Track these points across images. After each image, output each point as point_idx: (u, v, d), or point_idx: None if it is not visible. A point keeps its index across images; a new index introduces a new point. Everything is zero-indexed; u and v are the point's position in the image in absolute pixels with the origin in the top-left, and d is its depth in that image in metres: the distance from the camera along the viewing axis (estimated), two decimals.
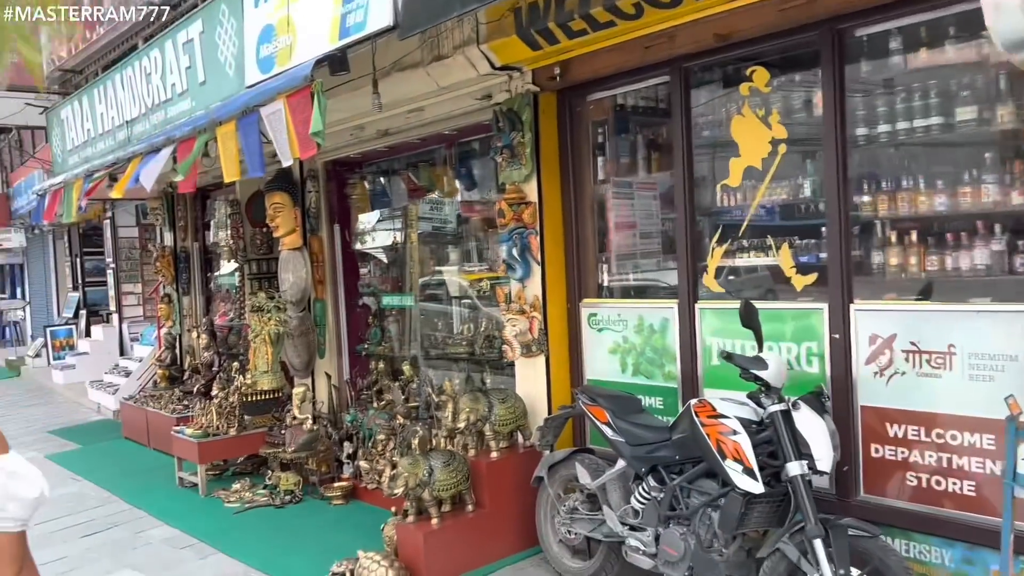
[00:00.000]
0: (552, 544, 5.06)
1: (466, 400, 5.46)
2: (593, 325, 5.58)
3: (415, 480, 5.12)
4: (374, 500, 6.70)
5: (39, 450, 9.99)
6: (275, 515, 6.71)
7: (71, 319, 16.62)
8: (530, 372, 5.73)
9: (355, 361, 8.23)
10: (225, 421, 7.57)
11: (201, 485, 7.39)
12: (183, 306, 10.75)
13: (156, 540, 6.37)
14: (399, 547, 5.24)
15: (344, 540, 5.97)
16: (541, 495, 5.14)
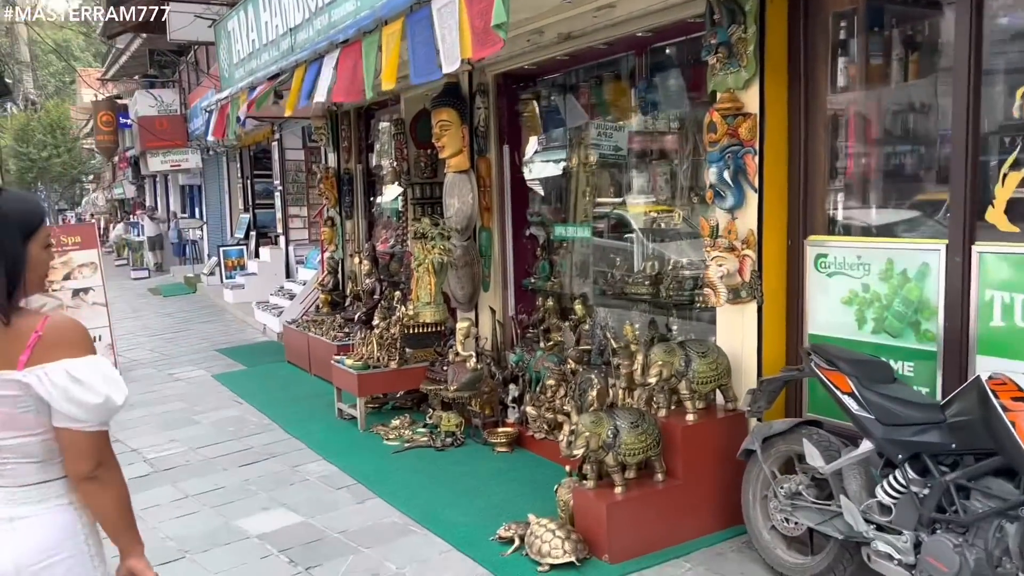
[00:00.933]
0: (762, 530, 4.19)
1: (659, 352, 4.61)
2: (821, 268, 4.55)
3: (597, 441, 4.37)
4: (541, 450, 6.04)
5: (207, 368, 10.04)
6: (435, 458, 6.18)
7: (242, 240, 16.96)
8: (736, 322, 4.79)
9: (521, 296, 7.53)
10: (386, 353, 7.10)
11: (360, 419, 6.99)
12: (345, 230, 10.42)
13: (313, 476, 5.99)
14: (576, 515, 4.53)
15: (510, 496, 5.34)
16: (750, 471, 4.27)
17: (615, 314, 6.57)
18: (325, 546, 4.80)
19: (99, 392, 2.08)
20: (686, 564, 4.32)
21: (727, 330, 4.87)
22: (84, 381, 2.07)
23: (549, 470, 5.76)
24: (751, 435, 4.22)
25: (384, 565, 4.51)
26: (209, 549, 4.86)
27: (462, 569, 4.42)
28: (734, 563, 4.31)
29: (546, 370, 6.34)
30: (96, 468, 2.15)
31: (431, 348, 7.33)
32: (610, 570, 4.27)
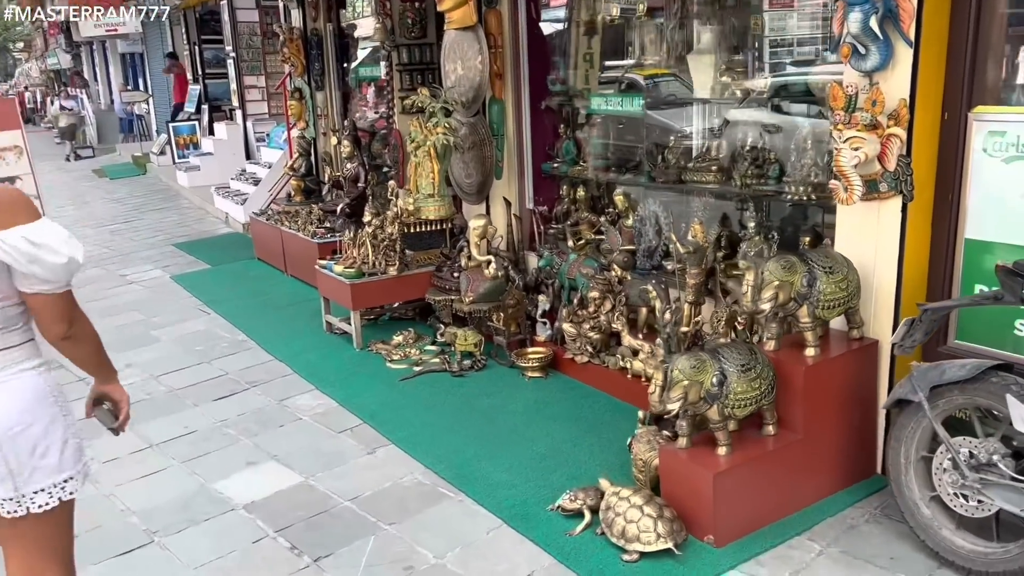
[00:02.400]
0: (919, 502, 3.19)
1: (776, 268, 3.46)
2: (994, 151, 3.37)
3: (698, 392, 3.27)
4: (584, 376, 4.97)
5: (165, 267, 8.75)
6: (454, 387, 5.08)
7: (193, 115, 15.20)
8: (869, 225, 3.64)
9: (541, 185, 6.27)
10: (382, 257, 5.86)
11: (355, 336, 5.82)
12: (316, 104, 8.93)
13: (307, 415, 4.87)
14: (664, 482, 3.49)
15: (559, 442, 4.28)
16: (903, 426, 3.22)
17: (667, 207, 5.36)
18: (334, 522, 3.72)
19: (61, 252, 2.16)
20: (813, 544, 3.33)
21: (852, 236, 3.72)
22: (44, 244, 2.13)
23: (599, 404, 4.70)
24: (910, 380, 3.14)
25: (417, 552, 3.46)
26: (183, 528, 3.77)
27: (520, 556, 3.38)
28: (874, 539, 3.32)
29: (584, 278, 5.18)
30: (70, 328, 2.27)
31: (436, 250, 6.10)
32: (718, 557, 3.26)
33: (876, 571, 3.13)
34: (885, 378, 3.68)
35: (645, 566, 3.23)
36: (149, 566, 3.51)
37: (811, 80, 4.64)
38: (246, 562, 3.49)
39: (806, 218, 4.71)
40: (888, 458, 3.27)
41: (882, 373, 3.68)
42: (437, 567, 3.35)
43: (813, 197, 4.42)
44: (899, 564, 3.16)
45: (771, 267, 3.46)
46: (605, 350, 4.92)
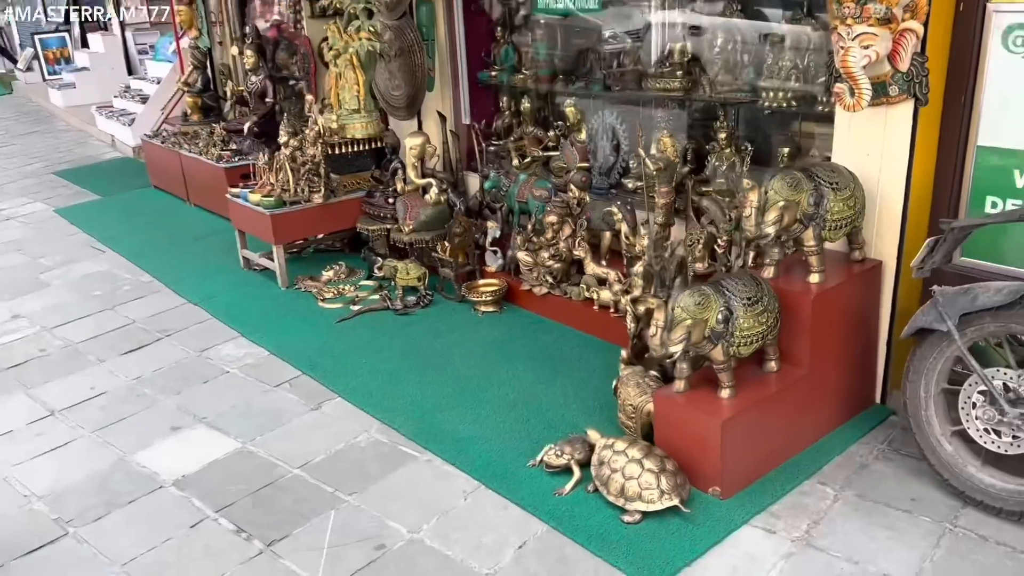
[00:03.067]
0: (940, 438, 2.93)
1: (781, 187, 3.07)
2: (1015, 46, 3.02)
3: (703, 331, 2.89)
4: (544, 309, 4.55)
5: (47, 200, 7.80)
6: (400, 327, 4.58)
7: (61, 25, 13.65)
8: (873, 134, 3.28)
9: (479, 96, 5.69)
10: (304, 183, 5.21)
11: (280, 273, 5.21)
12: (209, 7, 7.96)
13: (234, 367, 4.30)
14: (660, 431, 3.12)
15: (528, 385, 3.87)
16: (923, 357, 2.94)
17: (625, 119, 4.89)
18: (284, 496, 3.24)
19: None
20: (826, 489, 3.05)
21: (854, 147, 3.35)
22: None
23: (565, 339, 4.30)
24: (935, 307, 2.83)
25: (387, 527, 3.02)
26: (103, 514, 3.22)
27: (506, 525, 2.99)
28: (889, 480, 3.07)
29: (537, 201, 4.71)
30: None
31: (366, 174, 5.49)
32: (727, 511, 2.95)
33: (898, 515, 2.87)
34: (888, 303, 3.39)
35: (649, 527, 2.88)
36: (65, 566, 2.96)
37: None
38: (185, 552, 2.97)
39: (781, 128, 4.32)
40: (906, 392, 2.99)
41: (885, 297, 3.39)
42: (413, 544, 2.92)
43: (793, 104, 4.03)
44: (921, 506, 2.91)
45: (776, 185, 3.06)
46: (566, 280, 4.49)
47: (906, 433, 3.28)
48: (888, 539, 2.76)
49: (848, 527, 2.83)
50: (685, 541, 2.80)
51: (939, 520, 2.84)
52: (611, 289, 4.19)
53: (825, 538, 2.79)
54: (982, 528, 2.78)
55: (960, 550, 2.69)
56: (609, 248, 4.47)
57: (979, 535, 2.75)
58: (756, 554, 2.74)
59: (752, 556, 2.73)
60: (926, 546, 2.72)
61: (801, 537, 2.80)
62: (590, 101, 5.05)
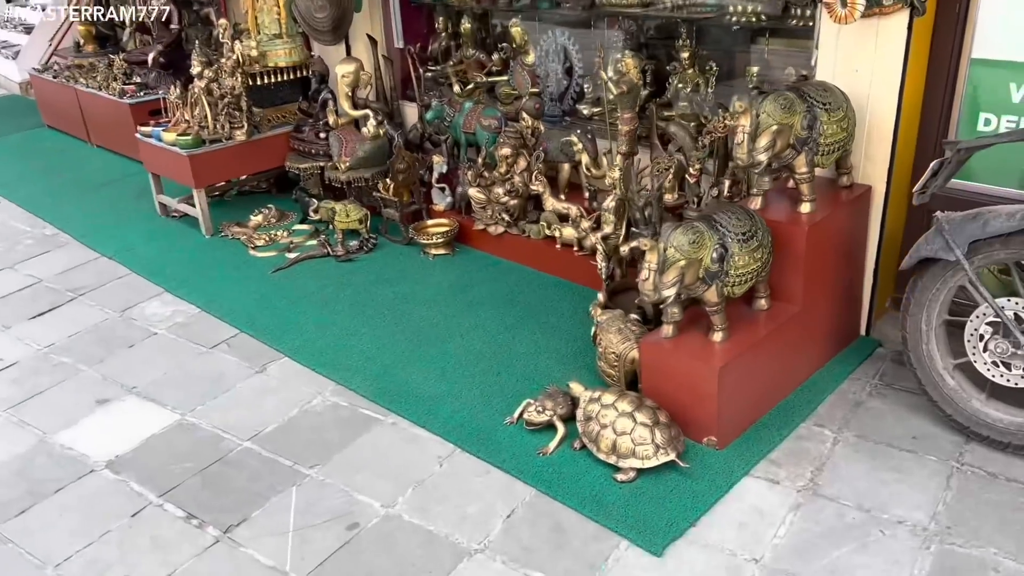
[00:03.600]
0: (943, 372, 2.79)
1: (774, 110, 2.80)
2: None
3: (697, 272, 2.65)
4: (501, 250, 4.25)
5: None
6: (344, 276, 4.21)
7: None
8: (863, 49, 3.03)
9: (412, 17, 5.23)
10: (226, 119, 4.71)
11: (203, 220, 4.74)
12: None
13: (162, 327, 3.88)
14: (649, 379, 2.89)
15: (497, 334, 3.59)
16: (925, 286, 2.76)
17: (577, 38, 4.53)
18: (237, 473, 2.90)
19: None
20: (823, 431, 2.89)
21: (842, 63, 3.10)
22: None
23: (527, 281, 4.02)
24: (941, 235, 2.64)
25: (358, 502, 2.73)
26: (28, 507, 2.83)
27: (490, 491, 2.73)
28: (887, 417, 2.92)
29: (487, 132, 4.35)
30: None
31: (292, 106, 5.01)
32: (725, 462, 2.76)
33: (903, 456, 2.73)
34: (876, 230, 3.21)
35: (646, 485, 2.67)
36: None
37: None
38: (129, 547, 2.62)
39: (748, 45, 4.04)
40: (905, 325, 2.82)
41: (873, 225, 3.20)
42: (390, 520, 2.64)
43: (762, 18, 3.76)
44: (924, 444, 2.78)
45: (768, 108, 2.80)
46: (524, 217, 4.19)
47: (897, 367, 3.17)
48: (896, 482, 2.62)
49: (853, 472, 2.68)
50: (686, 498, 2.60)
51: (944, 459, 2.71)
52: (575, 226, 3.91)
53: (832, 485, 2.63)
54: (990, 465, 2.66)
55: (971, 490, 2.57)
56: (568, 181, 4.17)
57: (988, 472, 2.63)
58: (763, 508, 2.56)
59: (759, 510, 2.56)
60: (936, 487, 2.59)
61: (807, 486, 2.64)
62: (536, 21, 4.66)
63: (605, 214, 3.46)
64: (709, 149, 3.54)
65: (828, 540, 2.42)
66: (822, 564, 2.34)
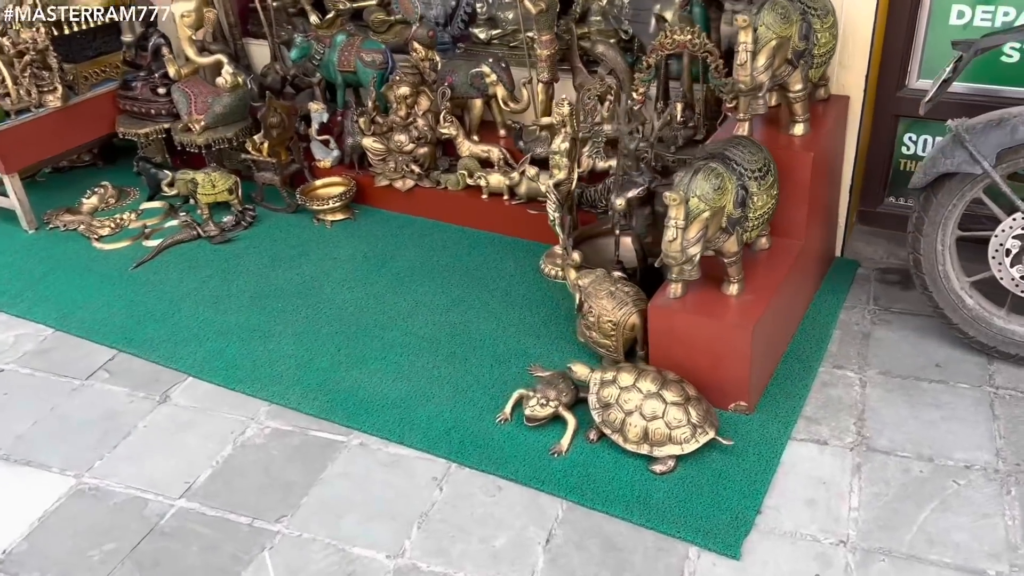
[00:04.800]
0: (960, 292, 2.61)
1: (773, 20, 2.41)
2: None
3: (719, 222, 2.27)
4: (415, 207, 3.69)
5: None
6: (227, 262, 3.50)
7: None
8: None
9: None
10: (31, 83, 3.73)
11: (23, 213, 3.80)
12: None
13: (7, 360, 3.05)
14: (661, 346, 2.52)
15: (447, 312, 3.08)
16: (941, 203, 2.54)
17: None
18: (180, 545, 2.27)
19: None
20: (847, 374, 2.65)
21: None
22: None
23: (457, 242, 3.51)
24: (963, 147, 2.40)
25: (357, 557, 2.19)
26: None
27: (514, 514, 2.28)
28: (903, 347, 2.73)
29: (370, 68, 3.70)
30: None
31: (115, 56, 4.06)
32: (763, 428, 2.46)
33: (936, 389, 2.55)
34: (854, 144, 2.95)
35: (689, 472, 2.33)
36: None
37: None
38: None
39: None
40: (918, 246, 2.60)
41: (850, 138, 2.94)
42: (406, 570, 2.14)
43: None
44: (951, 371, 2.61)
45: (767, 20, 2.41)
46: (435, 167, 3.62)
47: (885, 287, 3.01)
48: (944, 420, 2.43)
49: (896, 416, 2.46)
50: (740, 481, 2.28)
51: (977, 384, 2.55)
52: (502, 171, 3.41)
53: (882, 436, 2.40)
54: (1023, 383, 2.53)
55: (1018, 415, 2.42)
56: (480, 119, 3.63)
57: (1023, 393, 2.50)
58: (823, 476, 2.29)
59: (821, 480, 2.28)
60: (984, 420, 2.42)
61: (857, 442, 2.39)
62: None
63: (556, 157, 2.98)
64: (655, 69, 3.12)
65: (907, 503, 2.19)
66: (913, 534, 2.11)
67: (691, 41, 2.95)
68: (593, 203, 3.22)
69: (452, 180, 3.54)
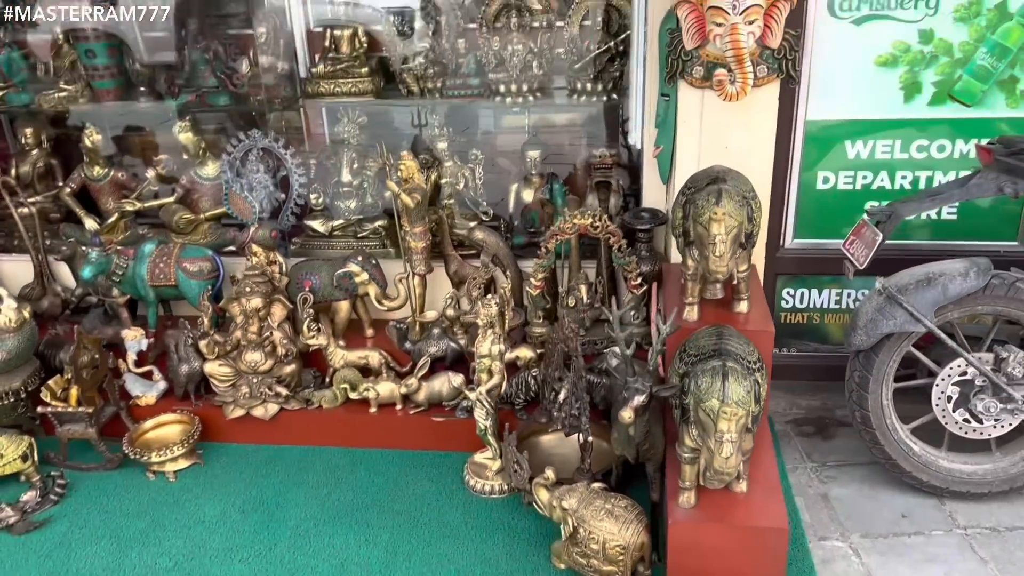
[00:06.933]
0: (906, 440, 2.69)
1: (732, 207, 2.38)
2: (841, 11, 2.80)
3: (747, 422, 2.13)
4: (281, 436, 3.10)
5: None
6: (43, 559, 2.61)
7: None
8: (734, 122, 2.79)
9: None
10: None
11: None
12: None
13: None
14: (681, 565, 2.26)
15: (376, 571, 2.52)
16: (882, 360, 2.63)
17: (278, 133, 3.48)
18: None
19: None
20: (833, 543, 2.58)
21: (707, 140, 2.81)
22: None
23: (347, 469, 2.97)
24: (900, 306, 2.51)
25: None
26: None
27: None
28: (866, 504, 2.73)
29: (197, 279, 3.12)
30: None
31: None
32: None
33: (916, 541, 2.57)
34: None
35: None
36: None
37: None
38: None
39: None
40: (864, 404, 2.66)
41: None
42: None
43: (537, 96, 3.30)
44: (919, 520, 2.65)
45: (728, 208, 2.36)
46: (300, 384, 3.08)
47: (809, 440, 3.06)
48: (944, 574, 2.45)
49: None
50: None
51: (948, 529, 2.62)
52: (394, 379, 2.99)
53: None
54: (984, 519, 2.65)
55: (999, 554, 2.51)
56: (347, 323, 3.19)
57: (988, 528, 2.62)
58: None
59: None
60: (977, 566, 2.47)
61: None
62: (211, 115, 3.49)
63: (485, 361, 2.66)
64: (556, 253, 2.96)
65: None
66: None
67: (592, 224, 2.88)
68: (511, 400, 2.92)
69: (328, 396, 3.02)
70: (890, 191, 3.00)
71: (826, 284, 3.18)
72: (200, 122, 3.49)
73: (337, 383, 3.01)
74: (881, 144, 2.95)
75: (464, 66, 3.33)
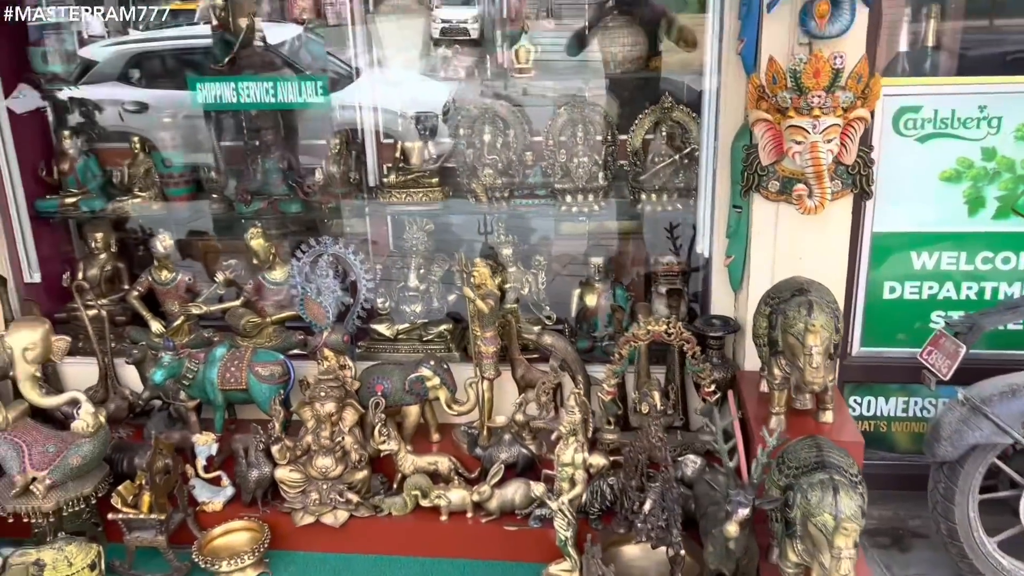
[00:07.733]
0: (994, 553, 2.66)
1: (825, 320, 2.42)
2: (906, 129, 2.92)
3: None
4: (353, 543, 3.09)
5: None
6: None
7: None
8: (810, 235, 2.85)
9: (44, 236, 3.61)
10: None
11: None
12: None
13: None
14: None
15: None
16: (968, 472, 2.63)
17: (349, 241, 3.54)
18: None
19: None
20: None
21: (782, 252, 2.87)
22: None
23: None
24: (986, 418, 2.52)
25: None
26: None
27: None
28: None
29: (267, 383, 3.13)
30: None
31: None
32: None
33: None
34: None
35: None
36: None
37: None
38: None
39: None
40: (951, 518, 2.64)
41: None
42: None
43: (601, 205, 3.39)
44: None
45: (821, 320, 2.41)
46: (369, 491, 3.05)
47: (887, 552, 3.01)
48: None
49: None
50: None
51: None
52: (466, 486, 2.96)
53: None
54: None
55: None
56: (416, 428, 3.18)
57: None
58: None
59: None
60: None
61: None
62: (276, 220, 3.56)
63: (567, 470, 2.65)
64: (628, 359, 2.98)
65: None
66: None
67: (666, 331, 2.90)
68: (585, 509, 2.88)
69: (398, 504, 2.98)
70: (956, 301, 3.05)
71: (893, 392, 3.19)
72: (267, 227, 3.56)
73: (408, 490, 2.98)
74: (947, 256, 3.02)
75: (531, 176, 3.43)
